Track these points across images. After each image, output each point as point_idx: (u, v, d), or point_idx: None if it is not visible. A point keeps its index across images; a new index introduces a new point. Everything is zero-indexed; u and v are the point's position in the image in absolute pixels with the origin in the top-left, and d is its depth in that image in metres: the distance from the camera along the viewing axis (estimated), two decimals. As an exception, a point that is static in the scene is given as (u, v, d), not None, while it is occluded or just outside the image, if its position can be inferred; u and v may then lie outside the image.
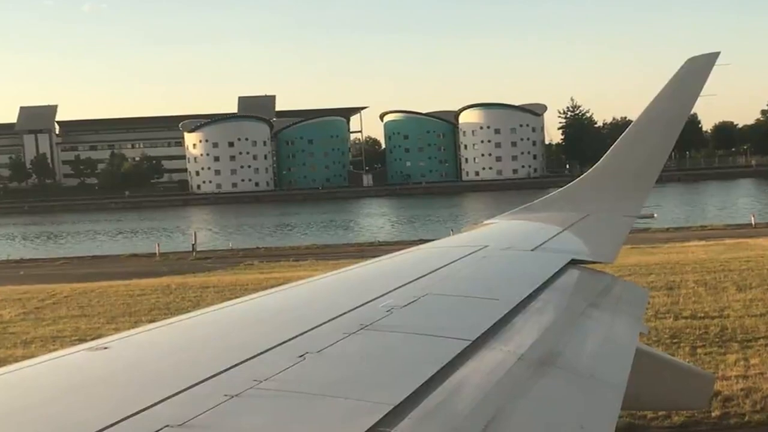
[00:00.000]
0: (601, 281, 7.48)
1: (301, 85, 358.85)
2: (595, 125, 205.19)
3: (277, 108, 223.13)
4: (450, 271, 6.84)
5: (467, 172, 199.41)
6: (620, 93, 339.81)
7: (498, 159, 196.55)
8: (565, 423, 3.96)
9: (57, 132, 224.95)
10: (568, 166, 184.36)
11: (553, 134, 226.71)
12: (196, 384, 3.43)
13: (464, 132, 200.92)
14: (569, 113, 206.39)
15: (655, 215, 11.17)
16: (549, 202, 11.16)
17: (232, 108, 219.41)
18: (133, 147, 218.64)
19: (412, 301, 5.34)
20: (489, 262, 7.42)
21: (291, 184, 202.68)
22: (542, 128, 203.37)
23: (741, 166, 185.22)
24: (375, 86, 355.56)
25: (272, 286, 6.66)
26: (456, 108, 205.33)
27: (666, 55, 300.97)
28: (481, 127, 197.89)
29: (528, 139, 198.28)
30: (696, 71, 10.83)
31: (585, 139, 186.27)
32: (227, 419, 3.07)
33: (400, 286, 5.83)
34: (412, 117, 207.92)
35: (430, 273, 6.55)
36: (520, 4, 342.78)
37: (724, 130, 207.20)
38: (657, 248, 47.62)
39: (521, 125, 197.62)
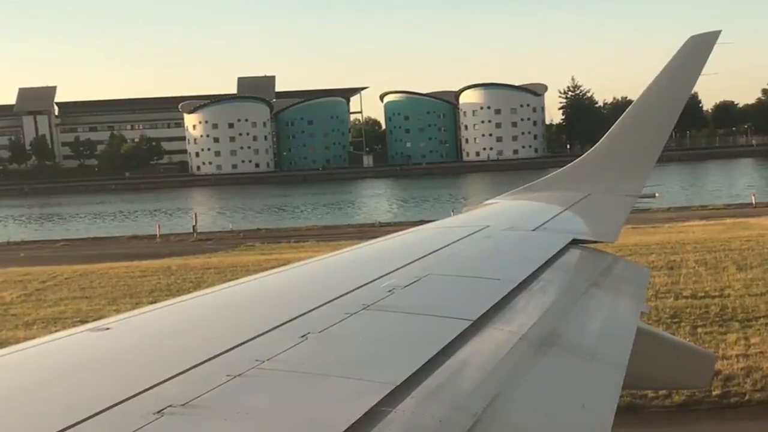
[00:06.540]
0: (603, 261, 7.48)
1: (301, 66, 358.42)
2: (596, 105, 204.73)
3: (277, 89, 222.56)
4: (451, 251, 6.83)
5: (467, 153, 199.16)
6: (621, 72, 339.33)
7: (498, 139, 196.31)
8: (567, 402, 3.96)
9: (56, 113, 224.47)
10: (569, 146, 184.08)
11: (554, 114, 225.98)
12: (199, 364, 3.43)
13: (464, 112, 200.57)
14: (570, 93, 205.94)
15: (657, 194, 11.15)
16: (550, 181, 11.14)
17: (232, 89, 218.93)
18: (132, 128, 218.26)
19: (414, 281, 5.34)
20: (490, 242, 7.41)
21: (291, 165, 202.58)
22: (543, 108, 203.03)
23: (742, 145, 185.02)
24: (375, 67, 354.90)
25: (273, 268, 6.67)
26: (456, 88, 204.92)
27: (667, 34, 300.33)
28: (482, 108, 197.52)
29: (528, 119, 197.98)
30: (697, 50, 10.77)
31: (586, 118, 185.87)
32: (230, 399, 3.07)
33: (401, 267, 5.82)
34: (413, 97, 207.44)
35: (432, 253, 6.54)
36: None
37: (725, 109, 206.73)
38: (658, 228, 47.63)
39: (522, 105, 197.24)
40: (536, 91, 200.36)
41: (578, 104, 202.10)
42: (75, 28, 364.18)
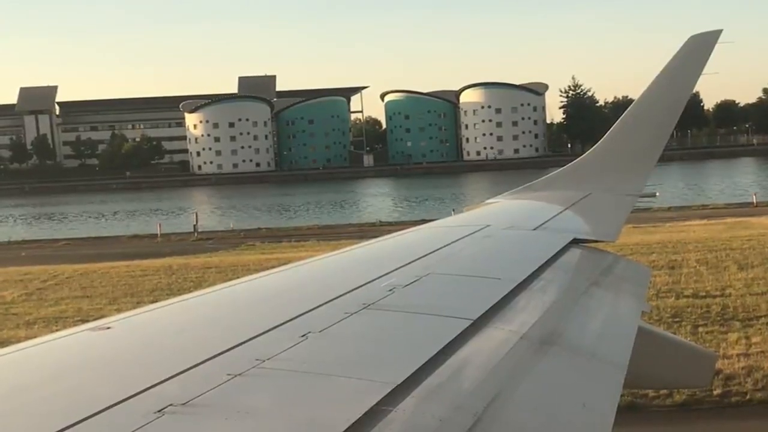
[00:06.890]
0: (604, 260, 7.47)
1: (301, 65, 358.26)
2: (597, 104, 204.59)
3: (278, 88, 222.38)
4: (452, 250, 6.83)
5: (468, 152, 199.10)
6: (621, 72, 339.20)
7: (499, 138, 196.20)
8: (568, 402, 3.96)
9: (57, 113, 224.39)
10: (569, 146, 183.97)
11: (555, 114, 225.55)
12: (199, 363, 3.43)
13: (465, 112, 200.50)
14: (571, 92, 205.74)
15: (657, 194, 11.15)
16: (551, 181, 11.13)
17: (233, 88, 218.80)
18: (133, 128, 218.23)
19: (414, 281, 5.33)
20: (491, 241, 7.40)
21: (292, 164, 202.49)
22: (543, 107, 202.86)
23: (743, 144, 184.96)
24: (375, 66, 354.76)
25: (274, 267, 6.66)
26: (457, 87, 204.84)
27: (667, 34, 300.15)
28: (482, 107, 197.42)
29: (529, 118, 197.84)
30: (698, 49, 10.77)
31: (586, 118, 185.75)
32: (230, 398, 3.07)
33: (402, 266, 5.82)
34: (413, 97, 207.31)
35: (432, 252, 6.53)
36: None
37: (726, 108, 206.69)
38: (658, 227, 47.63)
39: (522, 104, 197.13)
40: (537, 90, 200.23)
41: (579, 103, 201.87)
42: (75, 28, 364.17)
